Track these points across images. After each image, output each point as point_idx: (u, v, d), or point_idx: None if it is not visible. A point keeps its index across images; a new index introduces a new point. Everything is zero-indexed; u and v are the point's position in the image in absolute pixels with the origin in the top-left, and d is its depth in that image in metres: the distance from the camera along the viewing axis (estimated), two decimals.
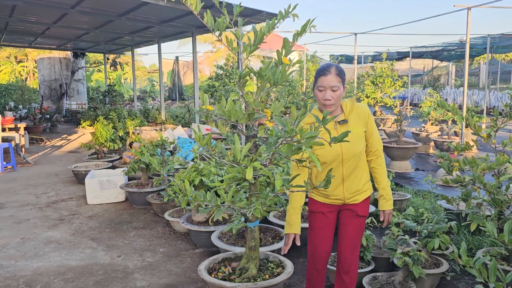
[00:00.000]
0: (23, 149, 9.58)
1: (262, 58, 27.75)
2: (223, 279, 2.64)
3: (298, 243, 2.52)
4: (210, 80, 16.44)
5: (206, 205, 3.38)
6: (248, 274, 2.64)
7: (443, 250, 3.21)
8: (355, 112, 2.52)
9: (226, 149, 7.02)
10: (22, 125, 9.88)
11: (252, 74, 2.40)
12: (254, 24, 8.30)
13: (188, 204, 4.64)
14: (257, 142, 2.57)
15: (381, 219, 2.65)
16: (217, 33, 2.46)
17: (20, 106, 17.10)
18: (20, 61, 31.36)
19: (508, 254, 3.26)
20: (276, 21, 2.44)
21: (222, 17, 2.36)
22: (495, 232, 2.43)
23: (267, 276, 2.71)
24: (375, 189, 2.93)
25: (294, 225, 2.52)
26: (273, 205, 2.52)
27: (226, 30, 2.69)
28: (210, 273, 2.74)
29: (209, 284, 2.66)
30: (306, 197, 2.99)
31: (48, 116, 14.87)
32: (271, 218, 4.30)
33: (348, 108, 2.52)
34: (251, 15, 8.06)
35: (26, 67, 30.98)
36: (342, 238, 2.67)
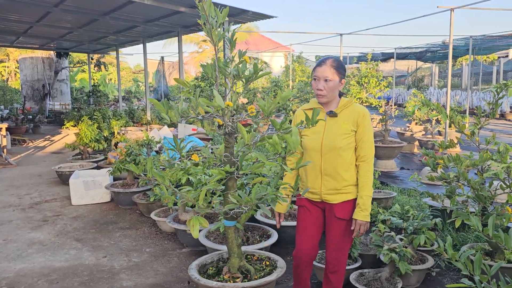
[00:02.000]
0: (4, 150, 9.39)
1: (249, 59, 27.75)
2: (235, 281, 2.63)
3: (282, 219, 2.77)
4: (196, 81, 16.38)
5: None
6: (253, 272, 2.67)
7: (428, 246, 3.25)
8: (350, 110, 2.53)
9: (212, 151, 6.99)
10: (3, 125, 9.67)
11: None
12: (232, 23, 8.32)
13: (174, 204, 4.61)
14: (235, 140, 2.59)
15: (352, 228, 2.53)
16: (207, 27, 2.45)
17: (2, 107, 16.77)
18: (1, 61, 30.77)
19: (491, 249, 3.31)
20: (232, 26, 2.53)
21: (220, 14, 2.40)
22: (480, 226, 2.46)
23: (268, 269, 2.75)
24: None
25: (281, 205, 2.71)
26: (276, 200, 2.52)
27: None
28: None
29: None
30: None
31: (30, 116, 14.60)
32: (258, 216, 4.30)
33: (342, 103, 2.55)
34: (236, 14, 8.06)
35: (8, 67, 30.42)
36: (327, 239, 2.66)
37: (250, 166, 2.38)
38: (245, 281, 2.62)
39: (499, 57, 25.12)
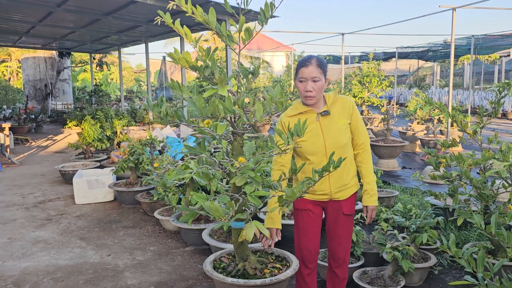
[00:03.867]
0: (8, 150, 9.43)
1: (250, 58, 27.80)
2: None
3: (279, 238, 2.55)
4: (197, 80, 16.39)
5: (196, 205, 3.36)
6: (268, 263, 2.77)
7: (431, 244, 3.26)
8: (339, 104, 2.50)
9: (215, 149, 7.02)
10: (7, 125, 9.72)
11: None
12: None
13: (178, 202, 4.64)
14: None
15: (364, 215, 2.61)
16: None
17: (5, 107, 16.80)
18: (3, 61, 30.82)
19: (494, 247, 3.33)
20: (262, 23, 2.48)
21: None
22: (483, 224, 2.48)
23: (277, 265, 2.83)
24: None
25: (276, 219, 2.52)
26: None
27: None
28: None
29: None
30: None
31: (33, 116, 14.65)
32: (261, 215, 4.32)
33: (331, 99, 2.49)
34: (239, 14, 8.08)
35: (10, 67, 30.48)
36: (332, 237, 2.64)
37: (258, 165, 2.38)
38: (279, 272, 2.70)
39: (501, 56, 25.08)
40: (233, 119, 2.47)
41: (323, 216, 2.68)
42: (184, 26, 2.38)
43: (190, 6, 2.34)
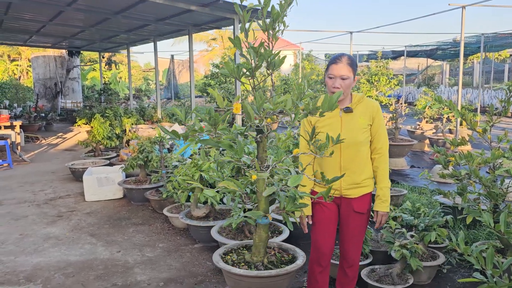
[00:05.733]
0: (19, 147, 9.55)
1: None
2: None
3: (310, 221, 2.64)
4: (206, 79, 16.47)
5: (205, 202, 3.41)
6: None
7: (440, 242, 3.26)
8: (364, 104, 2.55)
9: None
10: (18, 123, 9.85)
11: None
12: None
13: (187, 200, 4.68)
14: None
15: (374, 219, 2.63)
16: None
17: (15, 105, 16.99)
18: (13, 60, 31.15)
19: (503, 246, 3.32)
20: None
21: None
22: (492, 222, 2.48)
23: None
24: None
25: (307, 208, 2.59)
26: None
27: (222, 29, 2.75)
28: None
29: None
30: None
31: (43, 114, 14.81)
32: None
33: (356, 99, 2.55)
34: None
35: (20, 65, 30.79)
36: (345, 235, 2.66)
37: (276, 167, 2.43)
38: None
39: (511, 55, 24.81)
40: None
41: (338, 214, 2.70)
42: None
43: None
